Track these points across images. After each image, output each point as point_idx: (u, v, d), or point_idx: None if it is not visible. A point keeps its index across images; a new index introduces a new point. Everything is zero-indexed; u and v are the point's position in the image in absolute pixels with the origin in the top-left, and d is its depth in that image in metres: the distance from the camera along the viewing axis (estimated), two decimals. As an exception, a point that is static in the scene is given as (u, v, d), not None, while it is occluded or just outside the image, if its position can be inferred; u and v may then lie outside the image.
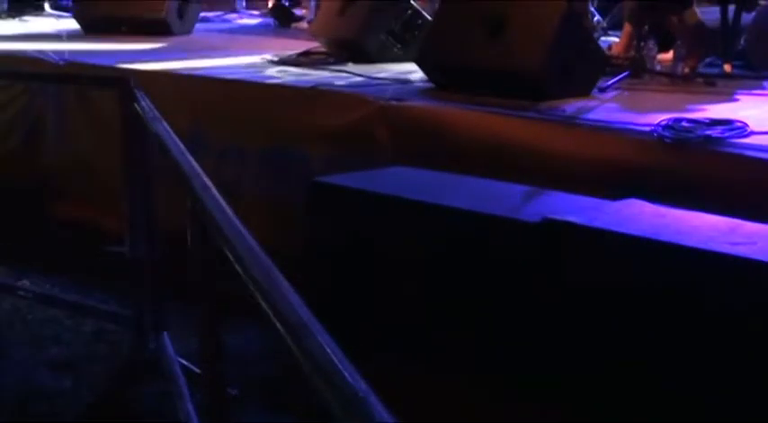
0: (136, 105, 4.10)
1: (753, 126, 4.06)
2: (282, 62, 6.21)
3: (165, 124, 3.57)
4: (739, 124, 4.06)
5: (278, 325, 1.63)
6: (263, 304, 1.73)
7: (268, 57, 6.39)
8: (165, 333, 4.31)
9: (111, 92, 4.56)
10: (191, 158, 2.97)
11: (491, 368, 3.39)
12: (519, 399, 3.28)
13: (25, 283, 5.26)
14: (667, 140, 3.98)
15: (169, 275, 4.23)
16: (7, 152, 6.41)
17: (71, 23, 8.21)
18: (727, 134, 3.98)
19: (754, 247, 2.96)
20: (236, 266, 1.99)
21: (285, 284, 1.76)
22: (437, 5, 6.11)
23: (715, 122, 4.09)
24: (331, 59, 6.20)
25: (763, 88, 5.29)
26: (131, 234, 4.44)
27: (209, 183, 2.64)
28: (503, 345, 3.34)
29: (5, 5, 9.86)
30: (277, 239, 4.28)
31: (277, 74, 5.80)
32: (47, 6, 9.48)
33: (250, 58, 6.52)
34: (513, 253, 3.35)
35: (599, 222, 3.23)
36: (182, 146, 3.17)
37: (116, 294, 4.92)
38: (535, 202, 3.62)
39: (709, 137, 3.96)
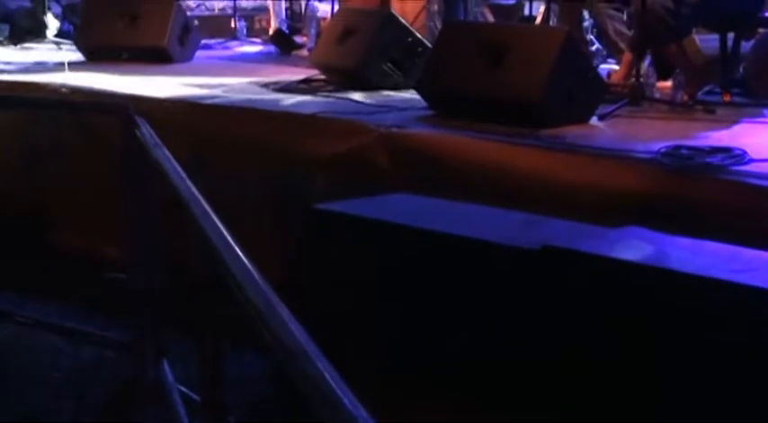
0: (136, 132, 4.10)
1: (753, 153, 4.07)
2: (283, 89, 6.22)
3: (166, 151, 3.57)
4: (739, 152, 4.06)
5: (277, 351, 1.63)
6: (263, 331, 1.73)
7: (269, 83, 6.40)
8: (165, 360, 4.30)
9: (112, 119, 4.57)
10: (191, 185, 2.98)
11: (492, 394, 3.38)
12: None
13: (25, 309, 5.25)
14: (667, 168, 3.98)
15: (169, 302, 4.22)
16: (7, 179, 6.41)
17: (73, 51, 8.23)
18: (727, 161, 3.99)
19: (754, 275, 2.96)
20: (236, 293, 1.99)
21: (285, 311, 1.76)
22: (437, 33, 6.14)
23: (715, 150, 4.10)
24: (331, 86, 6.21)
25: (763, 116, 5.30)
26: (131, 261, 4.44)
27: (210, 209, 2.64)
28: (503, 371, 3.33)
29: (7, 32, 9.89)
30: (277, 266, 4.27)
31: (278, 101, 5.82)
32: (48, 33, 9.50)
33: (251, 85, 6.54)
34: (513, 280, 3.35)
35: (599, 250, 3.23)
36: (182, 172, 3.17)
37: (116, 321, 4.91)
38: (535, 229, 3.61)
39: (709, 164, 3.96)
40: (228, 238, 2.34)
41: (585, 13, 7.25)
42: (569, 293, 3.20)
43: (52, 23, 9.76)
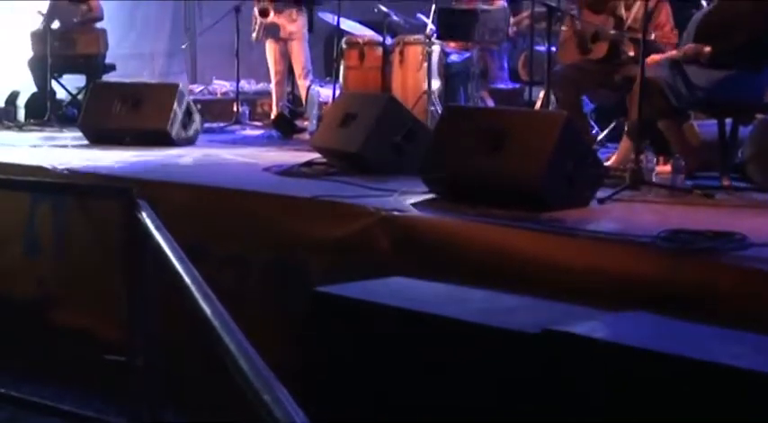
0: (138, 214, 4.12)
1: (752, 238, 4.07)
2: (285, 172, 6.26)
3: (167, 233, 3.59)
4: (739, 236, 4.07)
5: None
6: (263, 414, 1.73)
7: (271, 167, 6.44)
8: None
9: (114, 201, 4.59)
10: (192, 268, 2.98)
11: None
12: None
13: (23, 391, 5.22)
14: (667, 252, 3.98)
15: (169, 384, 4.20)
16: (7, 260, 6.42)
17: (76, 134, 8.30)
18: (727, 246, 3.99)
19: (756, 359, 2.96)
20: (237, 376, 1.99)
21: (285, 394, 1.75)
22: (438, 117, 6.19)
23: (714, 234, 4.10)
24: (333, 170, 6.25)
25: (762, 201, 5.32)
26: (131, 343, 4.42)
27: (210, 292, 2.65)
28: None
29: (12, 115, 9.99)
30: (278, 349, 4.27)
31: (279, 184, 5.84)
32: (53, 117, 9.59)
33: (253, 168, 6.58)
34: (512, 364, 3.33)
35: (600, 334, 3.22)
36: (183, 255, 3.18)
37: (115, 403, 4.88)
38: (535, 312, 3.61)
39: (709, 249, 3.97)
40: (229, 320, 2.35)
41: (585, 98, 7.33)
42: (569, 377, 3.19)
43: (57, 107, 9.85)
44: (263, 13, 9.12)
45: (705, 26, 5.79)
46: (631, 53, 6.58)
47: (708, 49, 5.58)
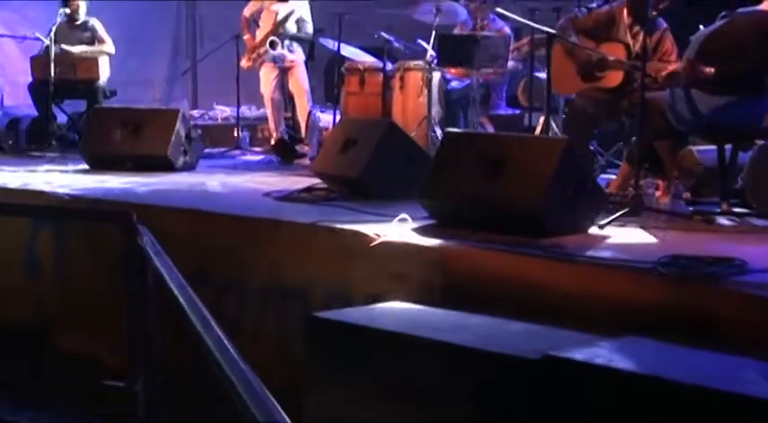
0: (138, 240, 4.12)
1: (752, 264, 4.08)
2: (285, 198, 6.27)
3: (167, 259, 3.59)
4: (738, 262, 4.07)
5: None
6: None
7: (271, 192, 6.45)
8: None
9: (114, 226, 4.59)
10: (192, 293, 2.98)
11: None
12: None
13: (24, 416, 5.21)
14: (667, 278, 3.98)
15: (169, 408, 4.19)
16: (8, 284, 6.42)
17: (77, 158, 8.31)
18: (726, 272, 3.99)
19: (756, 386, 2.95)
20: (236, 402, 1.98)
21: (283, 418, 1.75)
22: (438, 143, 6.19)
23: (714, 260, 4.10)
24: (333, 195, 6.26)
25: (762, 226, 5.32)
26: (131, 368, 4.41)
27: (210, 317, 2.65)
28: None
29: (13, 140, 9.99)
30: (277, 374, 4.26)
31: (280, 209, 5.85)
32: (54, 142, 9.60)
33: (253, 193, 6.58)
34: (514, 390, 3.33)
35: (600, 359, 3.22)
36: (183, 281, 3.18)
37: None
38: (535, 338, 3.61)
39: (709, 274, 3.97)
40: (228, 345, 2.35)
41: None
42: (571, 403, 3.18)
43: (57, 132, 9.87)
44: (273, 45, 9.18)
45: (708, 46, 5.78)
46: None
47: (710, 69, 5.58)
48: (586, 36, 6.65)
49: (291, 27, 9.31)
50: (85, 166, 8.03)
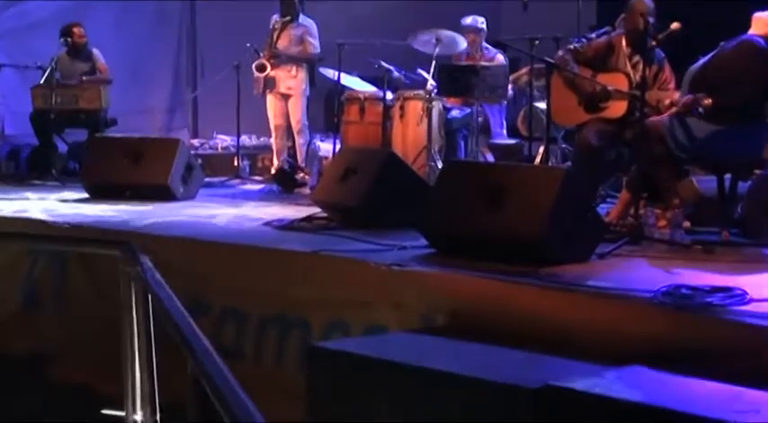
0: (138, 268, 4.12)
1: (752, 293, 4.07)
2: (285, 227, 6.27)
3: (167, 288, 3.59)
4: (739, 291, 4.07)
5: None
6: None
7: (271, 221, 6.46)
8: None
9: (114, 255, 4.59)
10: (191, 322, 2.98)
11: None
12: None
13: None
14: (667, 307, 3.98)
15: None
16: (7, 314, 6.41)
17: (77, 187, 8.32)
18: (727, 301, 3.99)
19: (758, 416, 2.95)
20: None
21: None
22: (438, 172, 6.19)
23: (714, 289, 4.10)
24: (333, 224, 6.26)
25: (762, 256, 5.33)
26: (130, 398, 4.40)
27: (210, 346, 2.64)
28: None
29: (13, 169, 10.01)
30: (277, 404, 4.25)
31: (280, 239, 5.85)
32: (54, 171, 9.61)
33: (253, 222, 6.59)
34: (514, 419, 3.32)
35: (600, 389, 3.21)
36: (183, 309, 3.18)
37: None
38: (536, 367, 3.61)
39: (709, 304, 3.97)
40: (228, 374, 2.34)
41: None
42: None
43: (58, 161, 9.88)
44: (260, 69, 9.18)
45: (700, 80, 5.82)
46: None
47: (708, 100, 5.60)
48: (586, 66, 6.66)
49: (293, 46, 9.30)
50: (86, 195, 8.04)
